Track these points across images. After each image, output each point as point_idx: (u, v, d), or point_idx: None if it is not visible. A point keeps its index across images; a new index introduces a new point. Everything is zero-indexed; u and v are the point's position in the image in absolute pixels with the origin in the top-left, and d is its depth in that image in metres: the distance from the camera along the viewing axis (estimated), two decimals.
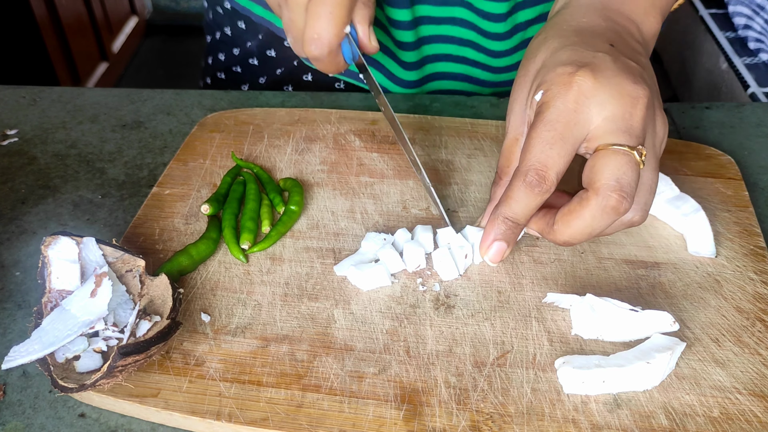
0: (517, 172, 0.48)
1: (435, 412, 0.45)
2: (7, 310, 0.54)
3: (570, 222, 0.47)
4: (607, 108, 0.46)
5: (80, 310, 0.46)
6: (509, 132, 0.53)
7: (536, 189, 0.46)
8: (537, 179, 0.46)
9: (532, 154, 0.46)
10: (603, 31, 0.52)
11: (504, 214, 0.49)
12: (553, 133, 0.46)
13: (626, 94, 0.46)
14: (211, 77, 0.94)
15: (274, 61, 0.85)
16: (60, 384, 0.43)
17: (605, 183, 0.45)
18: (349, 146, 0.68)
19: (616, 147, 0.45)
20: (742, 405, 0.45)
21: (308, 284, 0.54)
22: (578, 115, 0.46)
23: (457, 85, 0.82)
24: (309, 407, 0.45)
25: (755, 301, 0.52)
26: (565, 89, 0.46)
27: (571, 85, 0.46)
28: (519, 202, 0.48)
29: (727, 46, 1.96)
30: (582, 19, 0.53)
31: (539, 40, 0.53)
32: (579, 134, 0.46)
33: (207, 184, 0.64)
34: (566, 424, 0.44)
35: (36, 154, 0.71)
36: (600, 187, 0.45)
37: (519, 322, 0.51)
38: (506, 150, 0.54)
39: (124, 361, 0.43)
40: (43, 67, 2.39)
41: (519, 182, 0.47)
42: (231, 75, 0.90)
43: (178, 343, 0.49)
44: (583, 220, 0.46)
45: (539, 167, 0.46)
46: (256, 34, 0.84)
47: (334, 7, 0.53)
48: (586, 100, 0.46)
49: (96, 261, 0.50)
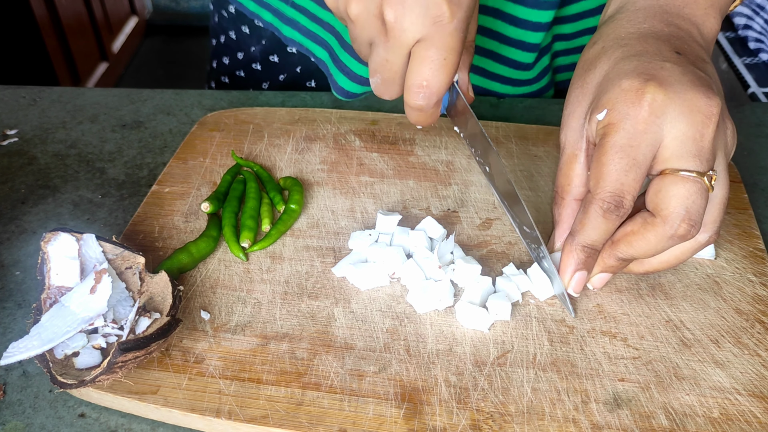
0: (592, 200, 0.46)
1: (435, 411, 0.45)
2: (7, 310, 0.54)
3: (633, 242, 0.47)
4: (678, 127, 0.44)
5: (79, 306, 0.46)
6: (566, 148, 0.51)
7: (614, 215, 0.46)
8: (615, 206, 0.45)
9: (607, 181, 0.45)
10: (667, 38, 0.48)
11: (583, 242, 0.48)
12: (627, 160, 0.44)
13: (698, 111, 0.44)
14: (215, 81, 0.94)
15: (277, 66, 0.85)
16: (59, 380, 0.43)
17: (673, 212, 0.44)
18: (349, 146, 0.68)
19: (685, 173, 0.44)
20: (741, 406, 0.45)
21: (308, 283, 0.54)
22: (649, 136, 0.44)
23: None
24: (309, 405, 0.45)
25: (754, 303, 0.52)
26: (635, 108, 0.44)
27: (641, 103, 0.44)
28: (597, 230, 0.47)
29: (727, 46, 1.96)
30: (642, 24, 0.50)
31: (597, 49, 0.50)
32: (650, 154, 0.45)
33: (207, 182, 0.64)
34: (566, 424, 0.44)
35: (36, 154, 0.71)
36: (668, 216, 0.44)
37: (519, 322, 0.51)
38: (564, 167, 0.51)
39: (124, 357, 0.43)
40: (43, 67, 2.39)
41: (597, 209, 0.46)
42: (234, 79, 0.90)
43: (177, 340, 0.49)
44: (647, 243, 0.46)
45: (617, 194, 0.45)
46: (260, 39, 0.84)
47: (449, 53, 0.48)
48: (656, 120, 0.44)
49: (96, 258, 0.50)
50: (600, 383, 0.46)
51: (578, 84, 0.50)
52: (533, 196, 0.62)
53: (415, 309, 0.52)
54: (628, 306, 0.52)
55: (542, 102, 0.78)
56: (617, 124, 0.45)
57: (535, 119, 0.75)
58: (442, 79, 0.49)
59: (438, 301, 0.51)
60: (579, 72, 0.51)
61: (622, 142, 0.45)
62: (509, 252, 0.57)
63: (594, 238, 0.48)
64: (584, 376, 0.47)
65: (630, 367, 0.48)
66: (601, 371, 0.47)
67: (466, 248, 0.57)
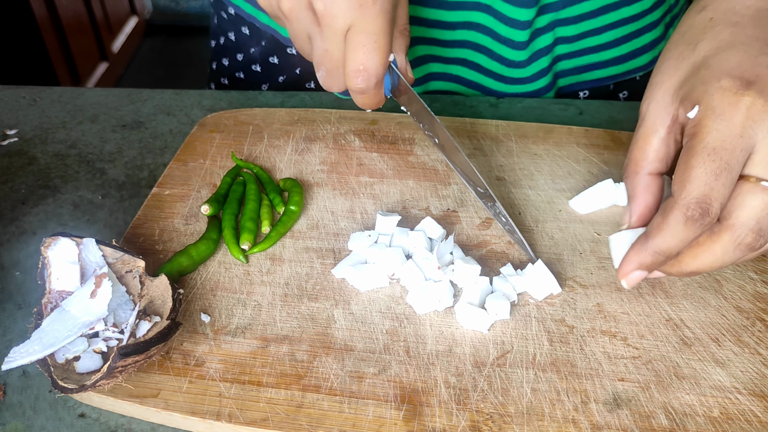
0: (675, 204, 0.43)
1: (435, 412, 0.45)
2: (7, 311, 0.54)
3: (698, 255, 0.44)
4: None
5: (80, 310, 0.46)
6: (647, 119, 0.47)
7: (698, 223, 0.42)
8: (701, 214, 0.42)
9: (694, 186, 0.42)
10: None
11: (656, 248, 0.44)
12: (718, 163, 0.41)
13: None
14: (215, 83, 0.94)
15: (276, 68, 0.85)
16: (60, 385, 0.43)
17: (743, 222, 0.42)
18: (349, 146, 0.68)
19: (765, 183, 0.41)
20: (742, 405, 0.45)
21: (308, 284, 0.54)
22: (744, 141, 0.41)
23: (466, 91, 0.81)
24: (309, 407, 0.45)
25: (755, 301, 0.52)
26: (731, 110, 0.41)
27: (738, 106, 0.41)
28: (675, 237, 0.43)
29: None
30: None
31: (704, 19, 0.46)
32: (743, 160, 0.42)
33: (207, 184, 0.64)
34: (566, 424, 0.44)
35: (36, 154, 0.71)
36: (735, 224, 0.42)
37: (518, 322, 0.51)
38: (641, 140, 0.48)
39: (124, 361, 0.43)
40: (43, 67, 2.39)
41: (679, 216, 0.42)
42: (234, 81, 0.90)
43: (178, 343, 0.49)
44: (713, 254, 0.44)
45: (703, 200, 0.41)
46: (260, 41, 0.84)
47: (379, 35, 0.50)
48: (753, 124, 0.41)
49: (96, 262, 0.50)
50: (600, 383, 0.46)
51: (674, 54, 0.47)
52: (533, 194, 0.62)
53: (415, 310, 0.52)
54: (628, 305, 0.52)
55: (542, 102, 0.78)
56: (710, 125, 0.42)
57: (534, 119, 0.75)
58: (376, 60, 0.51)
59: (437, 301, 0.51)
60: (677, 39, 0.47)
61: (714, 144, 0.41)
62: (509, 252, 0.57)
63: (670, 245, 0.44)
64: (584, 376, 0.47)
65: (630, 366, 0.48)
66: (601, 371, 0.47)
67: (465, 248, 0.57)
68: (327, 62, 0.53)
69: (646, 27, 0.78)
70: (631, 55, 0.79)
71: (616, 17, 0.75)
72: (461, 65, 0.78)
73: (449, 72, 0.79)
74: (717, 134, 0.42)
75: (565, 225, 0.59)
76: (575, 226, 0.59)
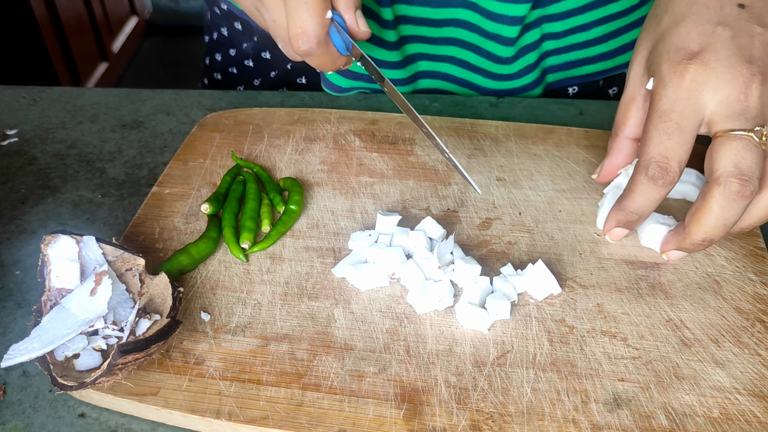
0: (638, 167, 0.48)
1: (435, 412, 0.45)
2: (7, 309, 0.54)
3: (701, 219, 0.48)
4: (721, 92, 0.46)
5: (80, 308, 0.46)
6: (627, 89, 0.54)
7: (659, 181, 0.47)
8: (659, 172, 0.47)
9: (650, 146, 0.47)
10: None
11: (627, 207, 0.50)
12: (668, 124, 0.46)
13: (739, 75, 0.45)
14: (208, 78, 0.94)
15: (269, 63, 0.85)
16: (60, 382, 0.43)
17: (724, 170, 0.45)
18: (349, 146, 0.68)
19: (732, 133, 0.45)
20: (741, 405, 0.45)
21: (308, 283, 0.54)
22: (691, 102, 0.46)
23: (455, 88, 0.81)
24: (309, 406, 0.45)
25: (755, 302, 0.52)
26: (678, 79, 0.46)
27: (684, 75, 0.46)
28: (642, 195, 0.48)
29: None
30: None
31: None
32: (694, 120, 0.46)
33: (207, 183, 0.64)
34: (566, 424, 0.44)
35: (36, 154, 0.71)
36: (719, 176, 0.45)
37: (518, 322, 0.51)
38: (623, 106, 0.54)
39: (124, 359, 0.43)
40: (43, 67, 2.39)
41: (641, 176, 0.48)
42: (227, 76, 0.90)
43: (177, 341, 0.49)
44: (712, 214, 0.47)
45: (660, 159, 0.46)
46: (252, 36, 0.84)
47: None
48: (698, 87, 0.46)
49: (96, 260, 0.50)
50: (600, 383, 0.46)
51: (646, 27, 0.53)
52: (533, 195, 0.62)
53: (415, 309, 0.52)
54: (628, 305, 0.52)
55: (542, 102, 0.78)
56: (661, 92, 0.47)
57: (534, 120, 0.75)
58: (312, 20, 0.52)
59: (438, 301, 0.51)
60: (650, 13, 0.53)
61: (664, 108, 0.46)
62: (509, 252, 0.57)
63: (638, 203, 0.49)
64: (584, 376, 0.47)
65: (630, 366, 0.48)
66: (601, 371, 0.47)
67: (465, 248, 0.57)
68: (278, 31, 0.55)
69: (634, 23, 0.78)
70: (620, 51, 0.79)
71: (604, 13, 0.76)
72: (449, 63, 0.79)
73: (437, 70, 0.79)
74: (666, 99, 0.46)
75: (565, 225, 0.59)
76: (575, 227, 0.59)
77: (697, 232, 0.48)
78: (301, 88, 0.84)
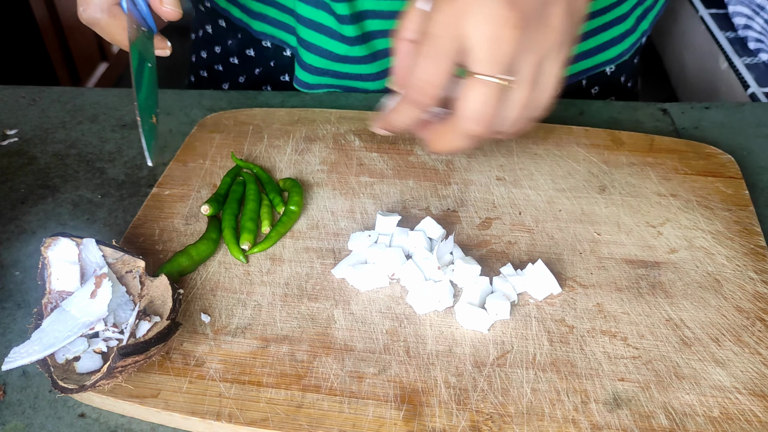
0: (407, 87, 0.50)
1: (435, 413, 0.45)
2: (6, 310, 0.54)
3: (437, 139, 0.51)
4: (480, 30, 0.46)
5: (80, 311, 0.46)
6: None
7: (414, 102, 0.49)
8: (417, 93, 0.48)
9: (414, 71, 0.48)
10: None
11: (389, 119, 0.52)
12: (429, 48, 0.47)
13: (499, 17, 0.45)
14: (195, 75, 0.94)
15: (252, 60, 0.85)
16: (60, 385, 0.43)
17: (465, 115, 0.47)
18: (349, 146, 0.68)
19: (478, 76, 0.46)
20: (742, 405, 0.45)
21: (308, 284, 0.54)
22: (452, 29, 0.46)
23: None
24: (309, 408, 0.45)
25: (755, 301, 0.52)
26: (447, 6, 0.46)
27: (452, 4, 0.46)
28: (401, 113, 0.50)
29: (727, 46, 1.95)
30: None
31: None
32: (450, 47, 0.46)
33: (207, 184, 0.64)
34: (566, 424, 0.44)
35: (36, 154, 0.71)
36: (460, 116, 0.47)
37: (518, 322, 0.51)
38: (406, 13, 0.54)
39: (124, 361, 0.43)
40: (43, 67, 2.38)
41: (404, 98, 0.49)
42: (213, 73, 0.90)
43: (178, 343, 0.49)
44: (447, 139, 0.50)
45: (416, 82, 0.48)
46: (236, 34, 0.85)
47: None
48: (462, 16, 0.46)
49: (96, 262, 0.50)
50: (600, 383, 0.46)
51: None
52: (533, 194, 0.62)
53: (415, 310, 0.52)
54: (628, 305, 0.52)
55: None
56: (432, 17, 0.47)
57: None
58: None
59: (437, 301, 0.51)
60: None
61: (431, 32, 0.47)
62: (509, 251, 0.57)
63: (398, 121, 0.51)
64: (584, 376, 0.47)
65: (630, 366, 0.48)
66: (601, 371, 0.47)
67: (465, 248, 0.57)
68: None
69: (615, 20, 0.78)
70: (600, 48, 0.79)
71: None
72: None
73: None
74: (432, 23, 0.47)
75: (565, 225, 0.59)
76: (575, 226, 0.59)
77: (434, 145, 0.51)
78: (284, 85, 0.84)
